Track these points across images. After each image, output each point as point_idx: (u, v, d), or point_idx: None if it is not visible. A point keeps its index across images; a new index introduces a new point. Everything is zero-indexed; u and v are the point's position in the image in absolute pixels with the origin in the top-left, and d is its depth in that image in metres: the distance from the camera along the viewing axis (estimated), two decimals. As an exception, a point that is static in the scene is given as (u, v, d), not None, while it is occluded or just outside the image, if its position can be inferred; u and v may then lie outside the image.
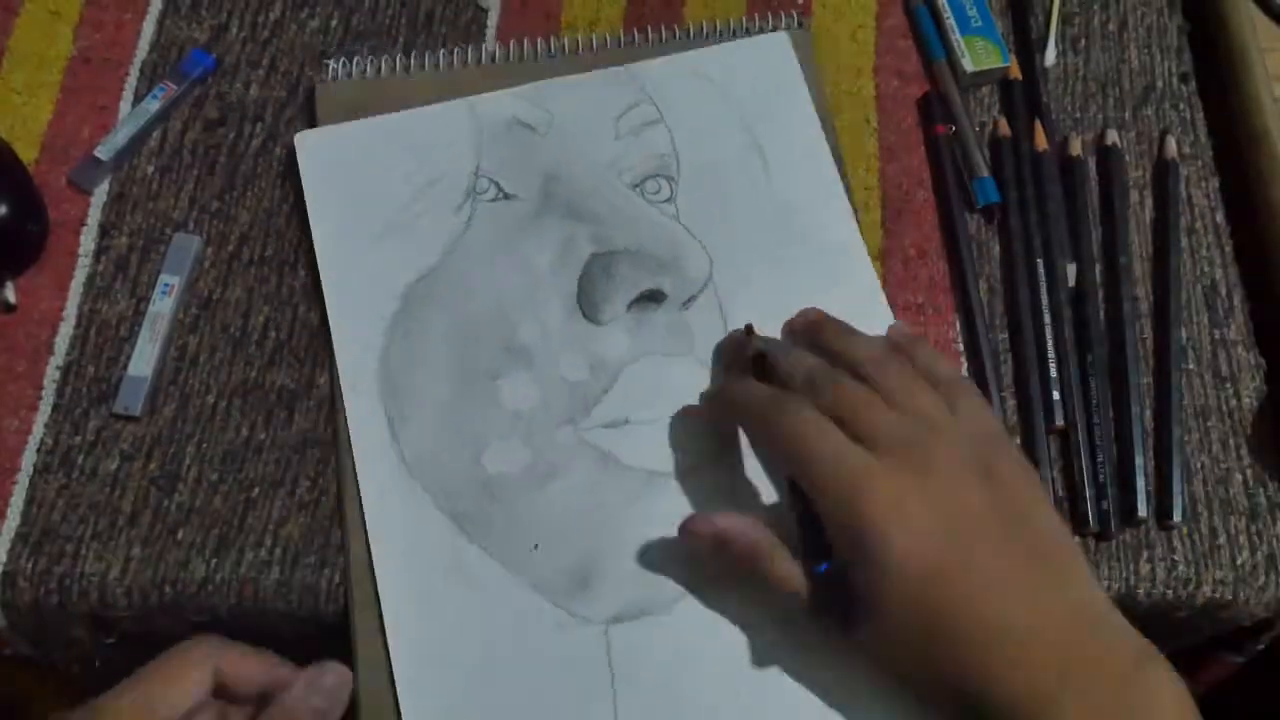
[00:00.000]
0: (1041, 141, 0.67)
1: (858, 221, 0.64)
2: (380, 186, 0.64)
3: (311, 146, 0.65)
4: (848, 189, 0.65)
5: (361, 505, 0.57)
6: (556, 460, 0.57)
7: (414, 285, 0.61)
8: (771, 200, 0.64)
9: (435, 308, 0.61)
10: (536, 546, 0.56)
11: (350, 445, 0.58)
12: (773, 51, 0.68)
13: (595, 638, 0.54)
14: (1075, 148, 0.67)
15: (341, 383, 0.59)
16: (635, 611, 0.55)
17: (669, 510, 0.56)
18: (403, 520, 0.56)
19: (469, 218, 0.63)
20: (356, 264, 0.62)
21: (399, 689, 0.53)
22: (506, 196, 0.63)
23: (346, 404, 0.59)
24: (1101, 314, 0.63)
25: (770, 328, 0.59)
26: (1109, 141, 0.67)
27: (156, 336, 0.61)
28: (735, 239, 0.63)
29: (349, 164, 0.64)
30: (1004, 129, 0.68)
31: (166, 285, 0.62)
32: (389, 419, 0.58)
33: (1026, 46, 0.70)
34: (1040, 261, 0.64)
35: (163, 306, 0.62)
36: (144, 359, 0.61)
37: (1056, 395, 0.61)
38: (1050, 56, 0.70)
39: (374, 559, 0.56)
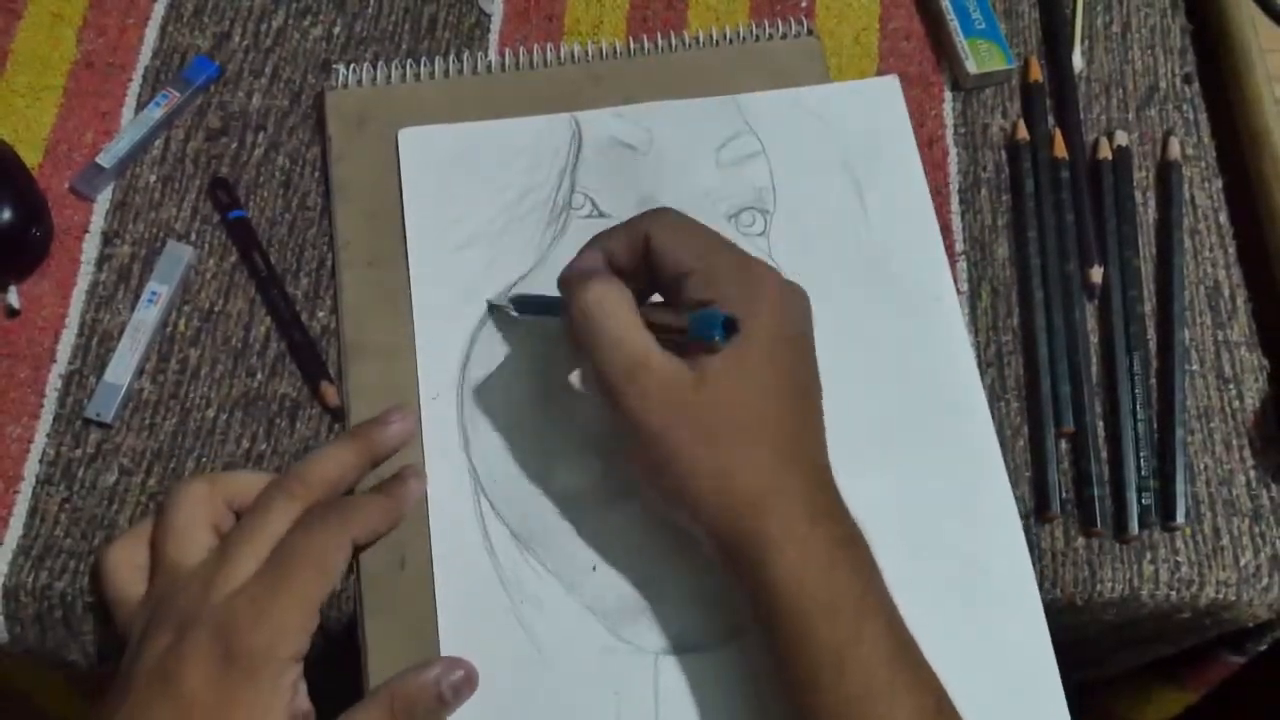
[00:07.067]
0: (1060, 147, 0.67)
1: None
2: (477, 192, 0.64)
3: (413, 144, 0.65)
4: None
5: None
6: (625, 484, 0.57)
7: (501, 295, 0.61)
8: (867, 243, 0.63)
9: (519, 320, 0.60)
10: (595, 568, 0.56)
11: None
12: (883, 95, 0.67)
13: (644, 666, 0.54)
14: (1105, 150, 0.67)
15: (420, 387, 0.59)
16: (687, 645, 0.55)
17: None
18: (466, 528, 0.56)
19: (561, 231, 0.63)
20: (447, 268, 0.62)
21: None
22: (601, 214, 0.63)
23: (422, 409, 0.59)
24: (1124, 317, 0.64)
25: (853, 370, 0.58)
26: (1120, 143, 0.67)
27: (138, 345, 0.61)
28: (826, 279, 0.60)
29: (448, 166, 0.64)
30: (1022, 133, 0.67)
31: (154, 294, 0.62)
32: (463, 427, 0.59)
33: (1055, 49, 0.70)
34: (1055, 264, 0.64)
35: (147, 315, 0.62)
36: (122, 366, 0.61)
37: (1067, 397, 0.61)
38: (1078, 60, 0.70)
39: (434, 563, 0.56)
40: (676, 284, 0.52)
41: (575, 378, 0.60)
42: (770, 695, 0.52)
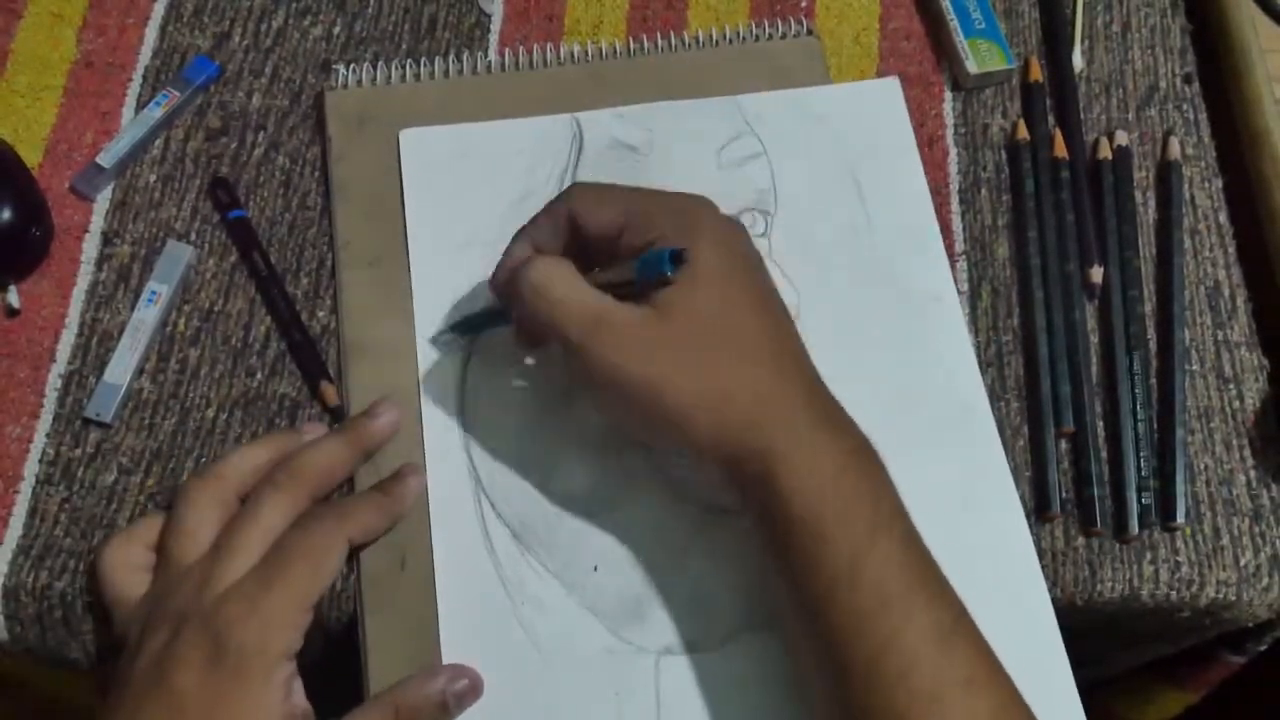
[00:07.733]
0: (1060, 147, 0.67)
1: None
2: (478, 192, 0.64)
3: (414, 144, 0.65)
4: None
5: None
6: (625, 484, 0.57)
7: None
8: (867, 244, 0.63)
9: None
10: (596, 568, 0.56)
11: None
12: (883, 96, 0.67)
13: (646, 667, 0.54)
14: (1105, 150, 0.67)
15: (421, 388, 0.59)
16: (689, 645, 0.55)
17: (733, 546, 0.56)
18: (466, 528, 0.56)
19: None
20: (447, 269, 0.62)
21: None
22: None
23: (423, 409, 0.59)
24: (1124, 317, 0.64)
25: (855, 370, 0.57)
26: (1120, 143, 0.67)
27: (137, 344, 0.61)
28: (826, 279, 0.62)
29: (449, 166, 0.64)
30: (1022, 133, 0.67)
31: (154, 293, 0.62)
32: (463, 427, 0.59)
33: (1055, 49, 0.71)
34: (1055, 264, 0.64)
35: (147, 314, 0.62)
36: (121, 366, 0.61)
37: (1067, 397, 0.61)
38: (1078, 60, 0.70)
39: (435, 563, 0.56)
40: (612, 244, 0.52)
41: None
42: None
